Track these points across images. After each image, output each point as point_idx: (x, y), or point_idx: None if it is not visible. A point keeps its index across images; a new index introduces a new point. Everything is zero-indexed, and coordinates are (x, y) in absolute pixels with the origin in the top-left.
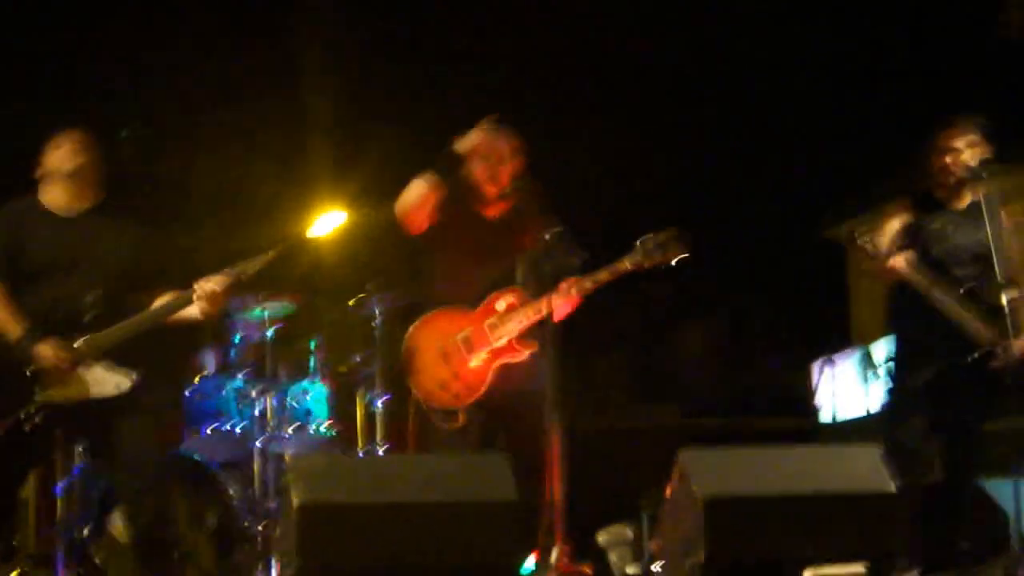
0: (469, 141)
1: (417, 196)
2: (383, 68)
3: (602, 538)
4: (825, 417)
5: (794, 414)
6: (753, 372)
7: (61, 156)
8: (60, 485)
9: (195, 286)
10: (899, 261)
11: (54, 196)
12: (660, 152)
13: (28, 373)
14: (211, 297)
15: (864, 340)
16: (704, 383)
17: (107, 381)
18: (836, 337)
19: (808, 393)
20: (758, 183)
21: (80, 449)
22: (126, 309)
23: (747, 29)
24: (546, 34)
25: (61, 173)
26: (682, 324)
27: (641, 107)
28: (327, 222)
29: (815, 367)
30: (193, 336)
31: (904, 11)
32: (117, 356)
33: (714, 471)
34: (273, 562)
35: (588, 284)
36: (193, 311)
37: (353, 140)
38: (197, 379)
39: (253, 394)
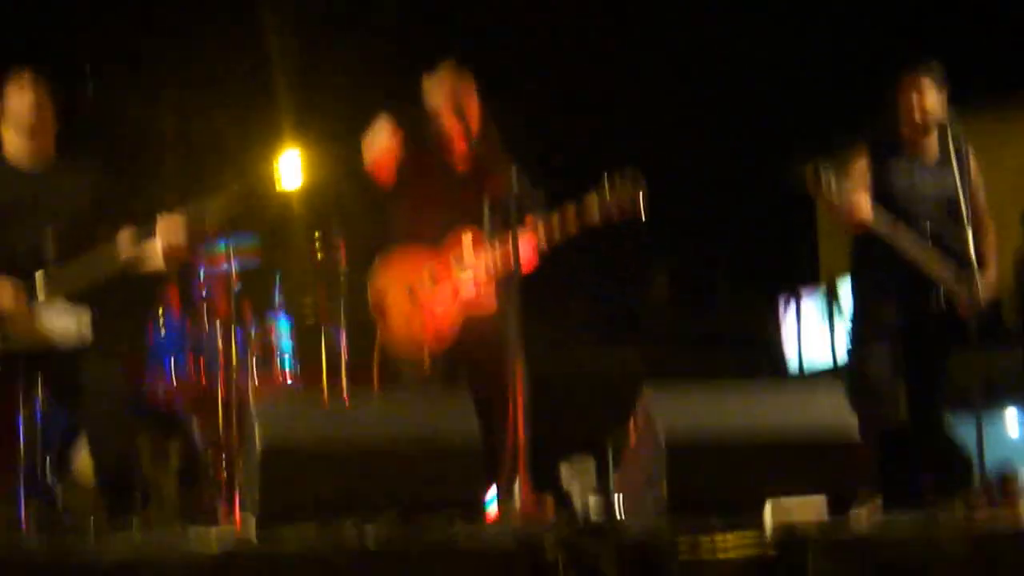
0: (436, 95)
1: (382, 141)
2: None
3: (564, 470)
4: (790, 356)
5: (760, 354)
6: (719, 311)
7: (19, 103)
8: (20, 422)
9: (157, 217)
10: (862, 207)
11: (11, 142)
12: (620, 91)
13: None
14: (172, 228)
15: (831, 278)
16: (668, 325)
17: (68, 325)
18: (804, 275)
19: (774, 332)
20: (726, 122)
21: (41, 386)
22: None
23: None
24: None
25: (19, 120)
26: (648, 266)
27: (601, 42)
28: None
29: (780, 304)
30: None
31: None
32: (77, 295)
33: (677, 407)
34: (236, 498)
35: (554, 219)
36: (157, 261)
37: (315, 78)
38: (161, 314)
39: (217, 329)
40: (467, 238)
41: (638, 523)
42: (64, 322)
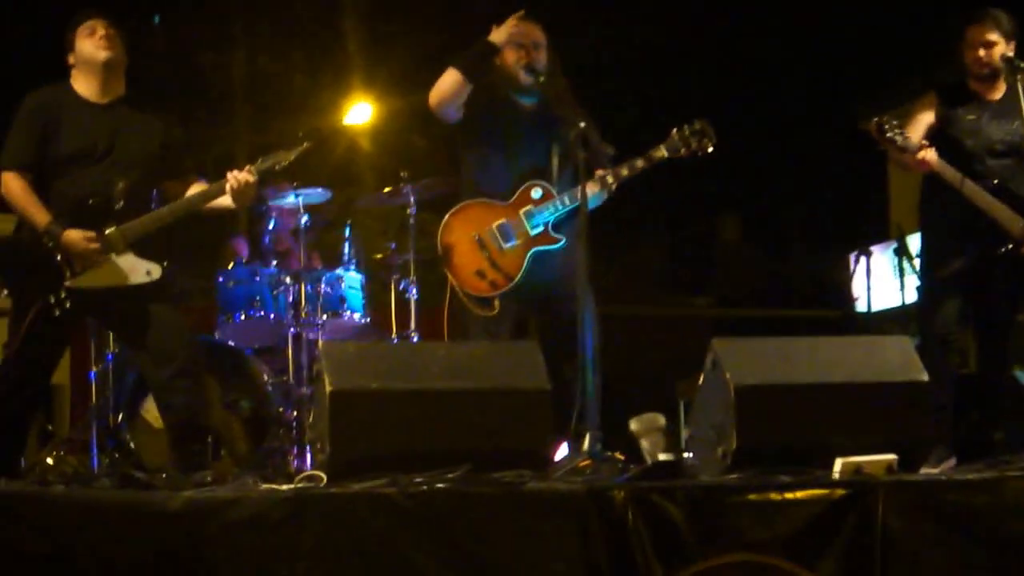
0: (501, 31)
1: (450, 86)
2: None
3: (634, 425)
4: (861, 308)
5: (830, 305)
6: (790, 263)
7: (93, 45)
8: (94, 371)
9: (228, 176)
10: (929, 154)
11: (86, 84)
12: (693, 45)
13: (57, 260)
14: (243, 188)
15: (901, 232)
16: (741, 274)
17: (137, 268)
18: (874, 229)
19: (845, 284)
20: (798, 74)
21: (113, 336)
22: (155, 198)
23: None
24: None
25: (94, 63)
26: (720, 215)
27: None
28: (359, 112)
29: (851, 258)
30: (227, 223)
31: None
32: (147, 243)
33: (746, 360)
34: (307, 448)
35: (624, 172)
36: (226, 201)
37: (387, 30)
38: (231, 266)
39: (287, 281)
40: (537, 192)
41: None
42: (136, 273)
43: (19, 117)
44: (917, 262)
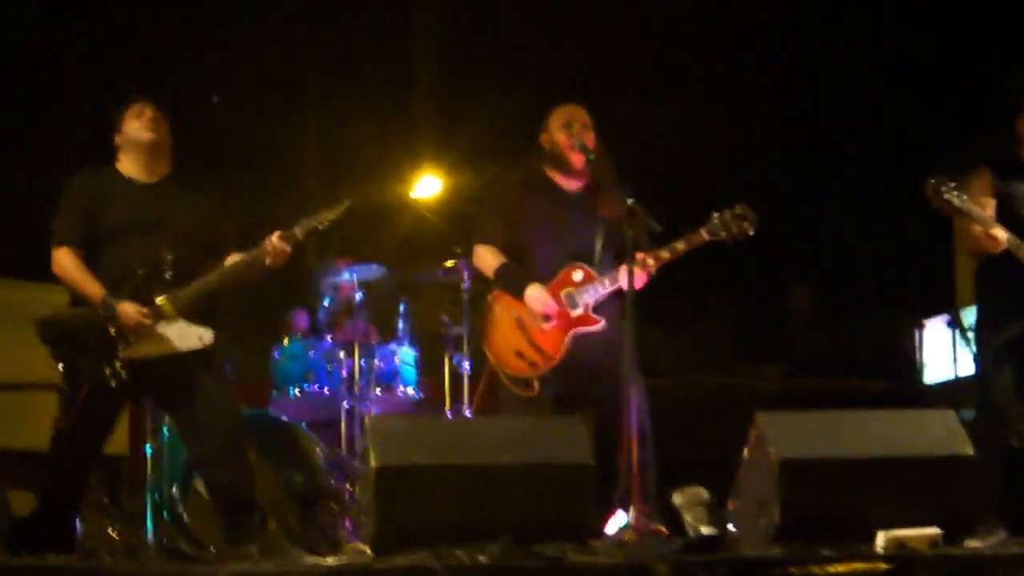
0: (554, 119)
1: (484, 270)
2: (487, 34)
3: (677, 499)
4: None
5: (895, 375)
6: (859, 333)
7: (139, 126)
8: (149, 445)
9: (266, 240)
10: (1002, 232)
11: (131, 164)
12: (756, 112)
13: (112, 332)
14: (278, 250)
15: (963, 305)
16: (809, 343)
17: (189, 335)
18: (935, 300)
19: (910, 356)
20: (869, 141)
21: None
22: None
23: None
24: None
25: (139, 143)
26: (789, 285)
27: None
28: (427, 186)
29: (918, 326)
30: (286, 298)
31: None
32: (199, 312)
33: (790, 433)
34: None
35: (664, 255)
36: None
37: (457, 105)
38: (286, 341)
39: (341, 356)
40: (578, 274)
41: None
42: (189, 339)
43: (65, 197)
44: (971, 335)
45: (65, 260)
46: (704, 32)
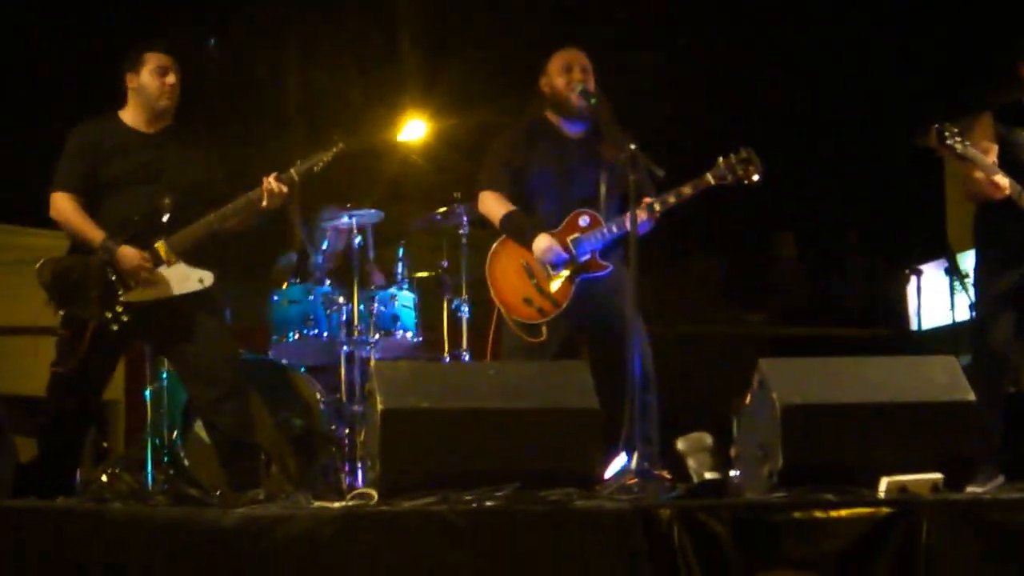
0: (553, 63)
1: (489, 216)
2: None
3: (681, 444)
4: (912, 326)
5: (884, 324)
6: (845, 281)
7: (159, 90)
8: (149, 390)
9: (263, 180)
10: (1005, 179)
11: (137, 115)
12: (742, 62)
13: (112, 277)
14: (275, 191)
15: (958, 249)
16: (795, 292)
17: (189, 277)
18: (931, 246)
19: (899, 303)
20: (854, 91)
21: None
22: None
23: None
24: None
25: (154, 104)
26: (775, 233)
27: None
28: (413, 129)
29: (906, 273)
30: (280, 242)
31: None
32: (199, 254)
33: (792, 379)
34: (359, 465)
35: (671, 199)
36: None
37: (441, 48)
38: (284, 285)
39: (340, 300)
40: (584, 219)
41: (752, 491)
42: (189, 281)
43: (67, 147)
44: (969, 280)
45: (64, 204)
46: None
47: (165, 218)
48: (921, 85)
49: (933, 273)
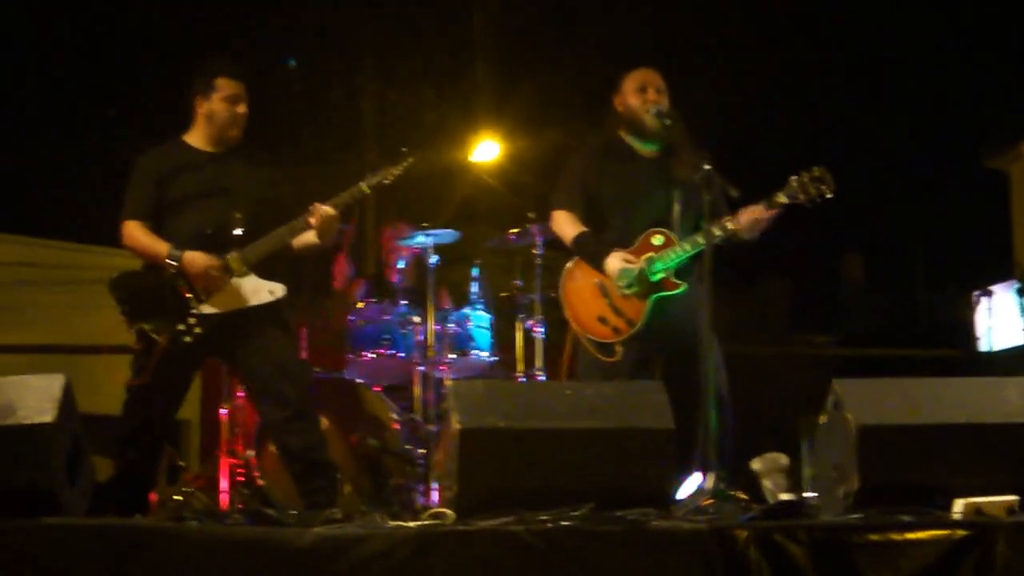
0: (627, 83)
1: (561, 235)
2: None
3: (756, 465)
4: (983, 348)
5: (952, 345)
6: (913, 303)
7: (230, 119)
8: (224, 409)
9: (310, 208)
10: None
11: (203, 138)
12: (817, 85)
13: (184, 290)
14: (324, 218)
15: (1022, 271)
16: (864, 313)
17: (260, 289)
18: (998, 268)
19: (968, 324)
20: (923, 115)
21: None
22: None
23: None
24: None
25: (223, 132)
26: (845, 255)
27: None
28: (486, 150)
29: (975, 296)
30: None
31: None
32: (271, 268)
33: (867, 399)
34: (432, 485)
35: (744, 218)
36: (311, 236)
37: (515, 70)
38: (361, 305)
39: (415, 320)
40: (658, 239)
41: (828, 512)
42: (259, 294)
43: (133, 175)
44: None
45: (133, 231)
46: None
47: (237, 231)
48: (990, 107)
49: (1003, 294)
